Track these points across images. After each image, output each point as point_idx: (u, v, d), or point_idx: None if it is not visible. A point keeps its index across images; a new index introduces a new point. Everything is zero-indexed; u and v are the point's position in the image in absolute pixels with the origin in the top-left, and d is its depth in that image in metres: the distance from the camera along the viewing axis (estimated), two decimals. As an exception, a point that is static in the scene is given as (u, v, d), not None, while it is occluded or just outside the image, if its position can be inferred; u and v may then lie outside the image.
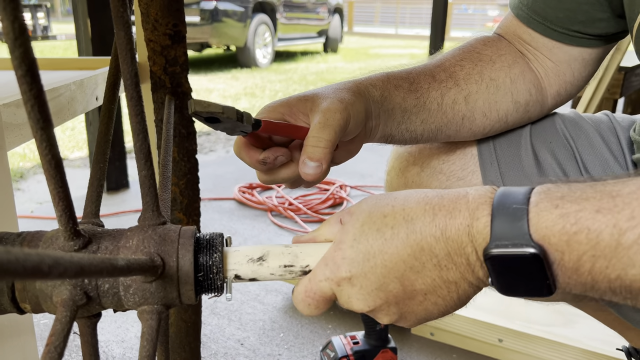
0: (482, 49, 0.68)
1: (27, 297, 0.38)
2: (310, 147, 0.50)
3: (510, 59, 0.68)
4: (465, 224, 0.38)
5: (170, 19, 0.57)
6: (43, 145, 0.33)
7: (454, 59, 0.67)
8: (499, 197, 0.38)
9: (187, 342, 0.76)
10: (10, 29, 0.30)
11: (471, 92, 0.65)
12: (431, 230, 0.39)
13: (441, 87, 0.64)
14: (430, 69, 0.65)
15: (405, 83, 0.61)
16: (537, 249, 0.35)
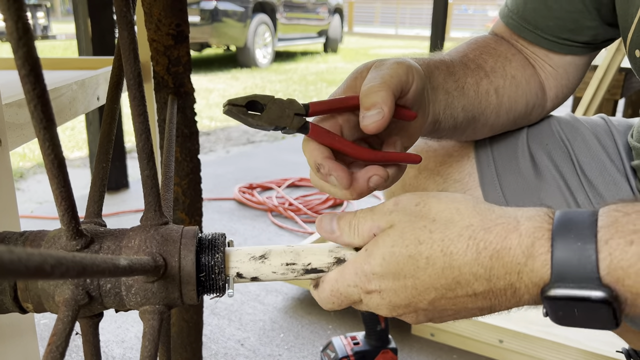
0: (496, 46, 0.66)
1: (29, 297, 0.38)
2: (365, 96, 0.43)
3: (522, 60, 0.67)
4: (516, 262, 0.35)
5: (174, 19, 0.57)
6: (46, 144, 0.33)
7: (474, 52, 0.64)
8: (560, 230, 0.34)
9: (188, 342, 0.76)
10: (14, 29, 0.30)
11: (499, 86, 0.63)
12: (472, 269, 0.36)
13: (474, 75, 0.61)
14: (459, 59, 0.62)
15: (443, 65, 0.58)
16: (607, 293, 0.32)
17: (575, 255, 0.33)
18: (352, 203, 2.10)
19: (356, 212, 0.42)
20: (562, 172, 0.68)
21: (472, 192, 0.71)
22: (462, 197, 0.39)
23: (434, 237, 0.37)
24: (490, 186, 0.69)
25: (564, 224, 0.34)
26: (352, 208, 2.06)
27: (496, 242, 0.35)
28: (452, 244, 0.36)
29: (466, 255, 0.36)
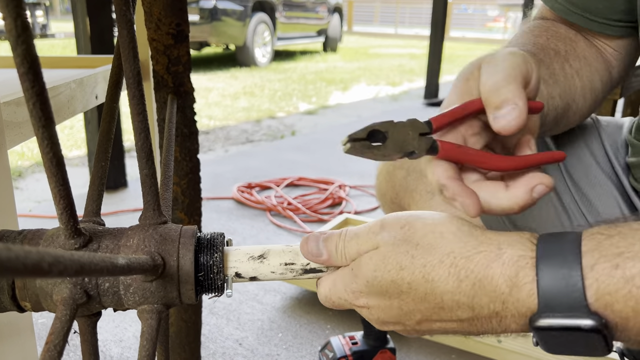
0: (556, 29, 0.62)
1: (27, 295, 0.37)
2: (492, 93, 0.38)
3: (584, 40, 0.63)
4: (499, 291, 0.34)
5: (174, 18, 0.57)
6: (44, 143, 0.33)
7: (543, 38, 0.60)
8: (544, 257, 0.34)
9: (187, 342, 0.76)
10: (12, 27, 0.30)
11: (578, 68, 0.59)
12: (454, 297, 0.35)
13: (557, 61, 0.58)
14: (533, 45, 0.58)
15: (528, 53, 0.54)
16: (596, 320, 0.32)
17: (562, 283, 0.32)
18: (351, 202, 2.10)
19: (342, 234, 0.41)
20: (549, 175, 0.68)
21: None
22: (448, 220, 0.38)
23: (416, 262, 0.37)
24: None
25: (547, 251, 0.34)
26: (350, 207, 2.06)
27: (477, 270, 0.35)
28: (433, 270, 0.36)
29: (447, 283, 0.36)
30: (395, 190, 0.76)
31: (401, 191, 0.76)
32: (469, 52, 10.45)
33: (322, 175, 2.42)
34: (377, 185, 0.81)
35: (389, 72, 6.73)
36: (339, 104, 4.53)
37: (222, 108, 4.11)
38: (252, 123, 3.66)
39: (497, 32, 16.98)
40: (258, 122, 3.68)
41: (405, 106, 4.48)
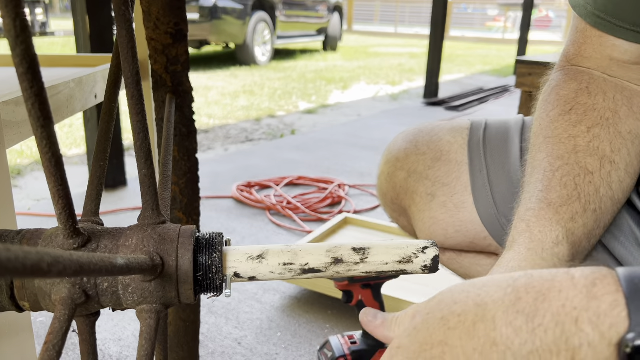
0: (594, 104, 0.55)
1: (26, 295, 0.37)
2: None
3: (623, 98, 0.55)
4: (571, 305, 0.27)
5: (172, 17, 0.57)
6: (43, 143, 0.33)
7: (581, 130, 0.53)
8: (626, 272, 0.27)
9: (185, 341, 0.76)
10: (12, 26, 0.30)
11: (627, 161, 0.53)
12: (510, 317, 0.28)
13: (603, 179, 0.51)
14: (576, 162, 0.51)
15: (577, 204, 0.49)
16: None
17: None
18: (351, 201, 2.10)
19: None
20: None
21: (459, 197, 0.71)
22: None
23: (471, 292, 0.32)
24: (482, 191, 0.69)
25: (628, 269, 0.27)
26: (350, 207, 2.06)
27: (541, 285, 0.28)
28: (487, 294, 0.30)
29: (503, 303, 0.29)
30: (396, 191, 0.77)
31: (402, 192, 0.76)
32: (468, 52, 10.45)
33: (322, 175, 2.42)
34: (379, 185, 0.81)
35: (388, 72, 6.73)
36: (338, 103, 4.53)
37: (221, 107, 4.11)
38: (251, 122, 3.65)
39: (497, 31, 16.98)
40: (258, 121, 3.68)
41: (404, 105, 4.48)
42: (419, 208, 0.73)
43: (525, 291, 0.28)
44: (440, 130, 0.75)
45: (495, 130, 0.73)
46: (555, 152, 0.53)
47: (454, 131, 0.74)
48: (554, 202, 0.48)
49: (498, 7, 19.02)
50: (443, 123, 0.77)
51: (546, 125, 0.56)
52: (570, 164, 0.51)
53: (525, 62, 2.60)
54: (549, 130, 0.55)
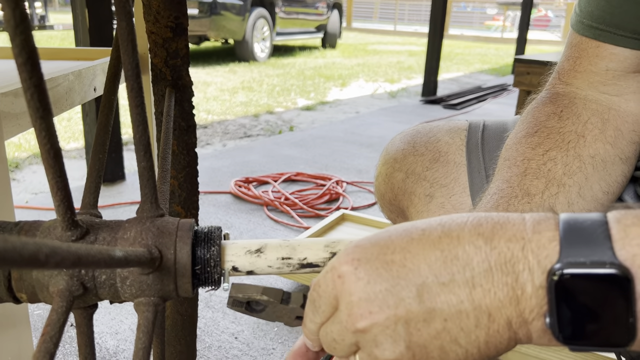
0: (561, 127, 0.57)
1: (23, 287, 0.37)
2: None
3: (598, 122, 0.57)
4: (520, 236, 0.31)
5: (172, 11, 0.57)
6: (42, 134, 0.33)
7: (538, 155, 0.55)
8: (567, 216, 0.31)
9: (182, 335, 0.76)
10: (11, 16, 0.30)
11: (581, 184, 0.54)
12: (472, 238, 0.31)
13: (545, 200, 0.53)
14: (519, 185, 0.54)
15: None
16: (623, 270, 0.28)
17: (585, 231, 0.29)
18: (348, 198, 2.10)
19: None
20: None
21: (458, 198, 0.71)
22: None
23: (432, 220, 0.34)
24: (480, 193, 0.70)
25: (569, 214, 0.31)
26: (347, 203, 2.06)
27: (498, 218, 0.32)
28: (450, 220, 0.33)
29: (465, 225, 0.32)
30: (393, 192, 0.77)
31: (399, 193, 0.76)
32: (467, 50, 10.45)
33: (320, 171, 2.42)
34: (376, 186, 0.81)
35: (387, 69, 6.73)
36: (337, 100, 4.53)
37: (220, 102, 4.10)
38: (250, 118, 3.65)
39: (496, 30, 16.98)
40: (256, 117, 3.68)
41: (403, 103, 4.48)
42: (417, 209, 0.73)
43: (485, 220, 0.32)
44: (439, 131, 0.75)
45: (493, 131, 0.73)
46: (506, 175, 0.56)
47: (452, 132, 0.74)
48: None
49: (497, 6, 19.01)
50: (441, 124, 0.77)
51: (510, 146, 0.58)
52: (514, 187, 0.54)
53: (523, 61, 2.60)
54: (510, 151, 0.58)
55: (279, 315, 0.42)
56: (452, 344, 0.32)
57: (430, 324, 0.31)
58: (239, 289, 0.41)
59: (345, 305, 0.33)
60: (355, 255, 0.33)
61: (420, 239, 0.32)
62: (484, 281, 0.31)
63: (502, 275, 0.30)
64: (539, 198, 0.53)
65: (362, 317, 0.32)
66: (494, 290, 0.31)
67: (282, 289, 0.42)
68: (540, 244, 0.30)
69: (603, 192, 0.56)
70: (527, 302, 0.30)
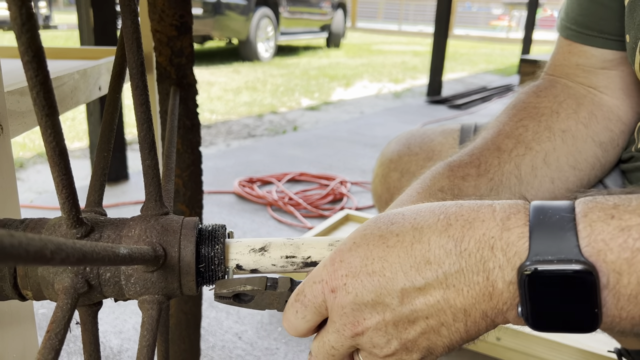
0: (538, 103, 0.61)
1: (28, 284, 0.38)
2: None
3: (573, 103, 0.61)
4: (489, 235, 0.32)
5: (177, 9, 0.57)
6: (48, 132, 0.33)
7: (512, 121, 0.60)
8: (536, 208, 0.32)
9: (186, 333, 0.76)
10: (17, 15, 0.30)
11: (548, 151, 0.58)
12: (442, 241, 0.33)
13: (513, 158, 0.56)
14: (492, 140, 0.58)
15: (472, 169, 0.54)
16: (588, 267, 0.29)
17: (553, 226, 0.30)
18: (352, 198, 2.10)
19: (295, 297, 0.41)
20: None
21: None
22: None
23: (406, 217, 0.36)
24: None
25: (541, 204, 0.33)
26: (351, 204, 2.06)
27: (467, 214, 0.33)
28: (423, 219, 0.35)
29: (436, 228, 0.34)
30: (390, 192, 0.78)
31: (396, 193, 0.77)
32: (472, 50, 10.43)
33: (324, 171, 2.42)
34: (373, 188, 0.83)
35: (392, 69, 6.72)
36: (341, 100, 4.53)
37: (224, 102, 4.11)
38: (254, 118, 3.65)
39: (501, 30, 16.94)
40: (260, 117, 3.68)
41: (407, 103, 4.47)
42: None
43: (455, 219, 0.34)
44: (432, 133, 0.79)
45: None
46: (481, 135, 0.60)
47: (445, 133, 0.77)
48: (453, 163, 0.54)
49: (502, 6, 18.97)
50: (434, 127, 0.81)
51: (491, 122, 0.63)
52: (487, 142, 0.58)
53: (529, 61, 2.60)
54: (490, 123, 0.62)
55: (268, 303, 0.42)
56: (436, 336, 0.35)
57: (415, 323, 0.35)
58: (222, 284, 0.41)
59: (339, 317, 0.37)
60: (342, 271, 0.36)
61: (395, 246, 0.35)
62: (456, 282, 0.33)
63: (472, 275, 0.32)
64: (507, 155, 0.56)
65: (357, 325, 0.36)
66: (467, 289, 0.33)
67: (266, 276, 0.42)
68: (509, 242, 0.31)
69: (569, 166, 0.59)
70: (499, 297, 0.32)
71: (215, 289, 0.41)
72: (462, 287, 0.33)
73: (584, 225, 0.30)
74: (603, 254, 0.29)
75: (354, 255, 0.36)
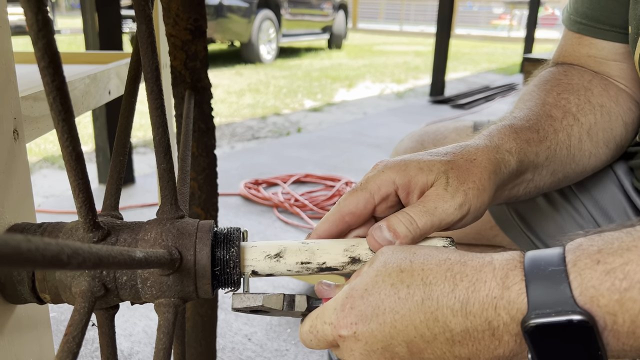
0: (569, 80, 0.61)
1: (46, 288, 0.38)
2: (397, 219, 0.43)
3: (601, 82, 0.61)
4: (492, 295, 0.34)
5: (191, 13, 0.57)
6: (64, 136, 0.34)
7: (552, 94, 0.59)
8: (530, 261, 0.34)
9: (202, 336, 0.76)
10: (34, 21, 0.30)
11: (591, 124, 0.58)
12: (449, 302, 0.35)
13: (564, 127, 0.56)
14: (542, 109, 0.57)
15: (534, 134, 0.53)
16: (584, 315, 0.31)
17: (548, 280, 0.33)
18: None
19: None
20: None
21: None
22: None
23: (415, 266, 0.37)
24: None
25: (535, 256, 0.35)
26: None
27: (472, 274, 0.35)
28: (431, 273, 0.37)
29: (444, 286, 0.36)
30: None
31: None
32: (474, 50, 10.42)
33: (329, 172, 2.42)
34: None
35: (394, 70, 6.72)
36: (344, 101, 4.53)
37: (227, 105, 4.11)
38: (257, 120, 3.66)
39: (503, 29, 16.92)
40: (263, 119, 3.69)
41: (410, 103, 4.47)
42: None
43: (460, 279, 0.35)
44: (445, 130, 0.78)
45: None
46: (525, 105, 0.58)
47: (458, 130, 0.77)
48: (515, 126, 0.53)
49: (504, 5, 18.94)
50: (447, 123, 0.80)
51: (522, 95, 0.62)
52: (536, 110, 0.57)
53: (532, 59, 2.59)
54: (524, 96, 0.61)
55: (285, 315, 0.44)
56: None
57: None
58: (240, 300, 0.42)
59: (348, 356, 0.39)
60: (351, 318, 0.38)
61: (407, 300, 0.36)
62: (462, 338, 0.35)
63: (478, 333, 0.35)
64: (559, 124, 0.56)
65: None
66: (473, 344, 0.35)
67: (283, 293, 0.43)
68: (510, 300, 0.33)
69: (604, 143, 0.59)
70: (506, 347, 0.34)
71: (233, 302, 0.42)
72: (468, 343, 0.35)
73: (574, 275, 0.32)
74: (596, 300, 0.31)
75: (366, 304, 0.37)
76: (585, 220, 0.67)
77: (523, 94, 0.62)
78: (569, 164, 0.57)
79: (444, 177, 0.44)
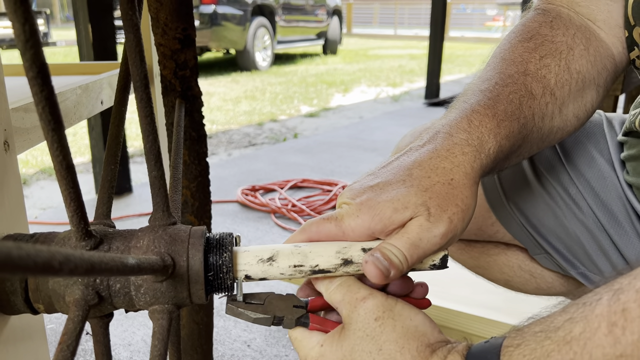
0: (553, 37, 0.58)
1: (40, 297, 0.38)
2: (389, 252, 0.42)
3: (583, 38, 0.58)
4: None
5: (180, 23, 0.57)
6: (54, 146, 0.34)
7: (534, 58, 0.56)
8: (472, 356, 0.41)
9: (199, 344, 0.76)
10: (21, 31, 0.30)
11: (564, 99, 0.56)
12: None
13: (540, 107, 0.54)
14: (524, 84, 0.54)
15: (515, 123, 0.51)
16: None
17: None
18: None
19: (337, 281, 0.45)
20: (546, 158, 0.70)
21: None
22: (414, 331, 0.42)
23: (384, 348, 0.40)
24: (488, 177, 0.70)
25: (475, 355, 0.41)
26: (354, 208, 2.06)
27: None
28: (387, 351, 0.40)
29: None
30: None
31: None
32: (468, 52, 10.46)
33: (326, 177, 2.42)
34: None
35: (389, 73, 6.74)
36: (340, 105, 4.54)
37: (224, 112, 4.12)
38: (254, 126, 3.66)
39: (496, 31, 16.99)
40: (260, 126, 3.69)
41: (406, 106, 4.48)
42: None
43: None
44: None
45: None
46: (508, 71, 0.55)
47: None
48: (498, 114, 0.50)
49: (497, 7, 19.02)
50: None
51: (505, 49, 0.58)
52: (519, 84, 0.53)
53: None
54: (506, 53, 0.57)
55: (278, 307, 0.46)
56: None
57: None
58: (233, 311, 0.45)
59: None
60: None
61: None
62: None
63: None
64: (537, 103, 0.54)
65: None
66: None
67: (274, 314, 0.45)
68: None
69: (574, 115, 0.57)
70: None
71: (226, 311, 0.44)
72: None
73: None
74: None
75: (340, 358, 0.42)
76: (586, 215, 0.67)
77: (506, 48, 0.59)
78: (536, 144, 0.56)
79: (424, 208, 0.42)
